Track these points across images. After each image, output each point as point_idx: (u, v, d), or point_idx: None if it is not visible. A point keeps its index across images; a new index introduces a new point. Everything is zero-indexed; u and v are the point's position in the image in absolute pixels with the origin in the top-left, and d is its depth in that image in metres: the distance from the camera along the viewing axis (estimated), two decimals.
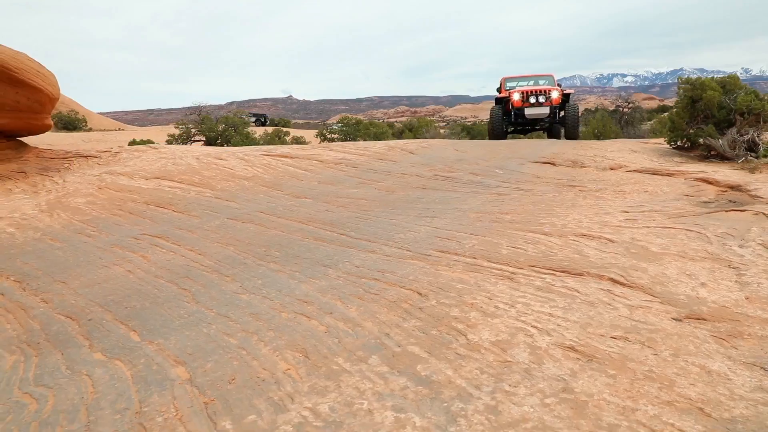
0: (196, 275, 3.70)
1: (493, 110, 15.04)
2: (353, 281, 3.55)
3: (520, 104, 14.21)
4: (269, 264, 3.90)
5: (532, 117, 14.38)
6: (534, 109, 14.24)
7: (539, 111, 14.25)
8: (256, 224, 4.78)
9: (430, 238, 4.39)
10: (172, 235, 4.49)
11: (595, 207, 5.67)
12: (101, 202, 5.39)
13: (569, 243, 4.21)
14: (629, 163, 9.25)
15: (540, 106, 14.20)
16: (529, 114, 14.25)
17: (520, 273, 3.60)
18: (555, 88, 14.55)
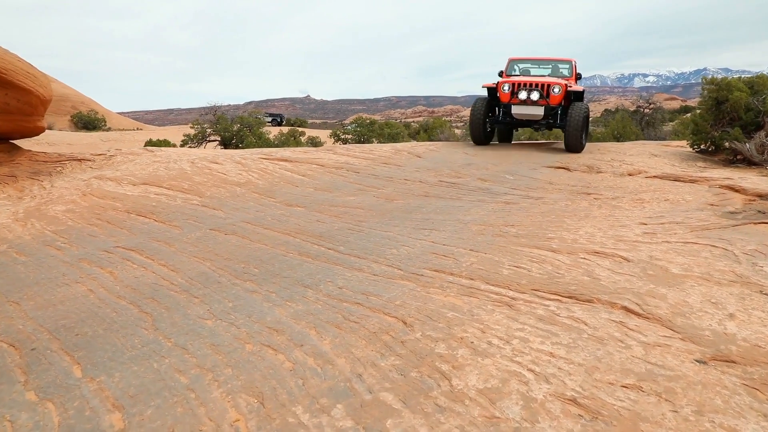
0: (162, 295, 3.36)
1: (475, 104, 11.18)
2: (333, 306, 3.18)
3: (507, 99, 10.56)
4: (245, 283, 3.55)
5: (521, 117, 10.72)
6: (523, 107, 10.46)
7: (530, 111, 10.43)
8: (239, 236, 4.43)
9: (425, 254, 4.00)
10: (147, 248, 4.16)
11: (611, 218, 5.23)
12: (80, 210, 5.08)
13: (579, 262, 3.79)
14: (649, 168, 8.76)
15: (533, 104, 10.42)
16: (516, 113, 10.54)
17: (521, 298, 3.19)
18: (558, 82, 10.44)
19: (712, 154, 11.10)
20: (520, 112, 10.47)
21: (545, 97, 10.33)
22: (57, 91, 49.57)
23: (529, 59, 12.36)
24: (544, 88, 10.37)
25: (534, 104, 10.33)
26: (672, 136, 27.59)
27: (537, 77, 10.91)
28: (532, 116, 10.50)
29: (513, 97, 10.40)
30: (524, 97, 10.30)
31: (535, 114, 10.41)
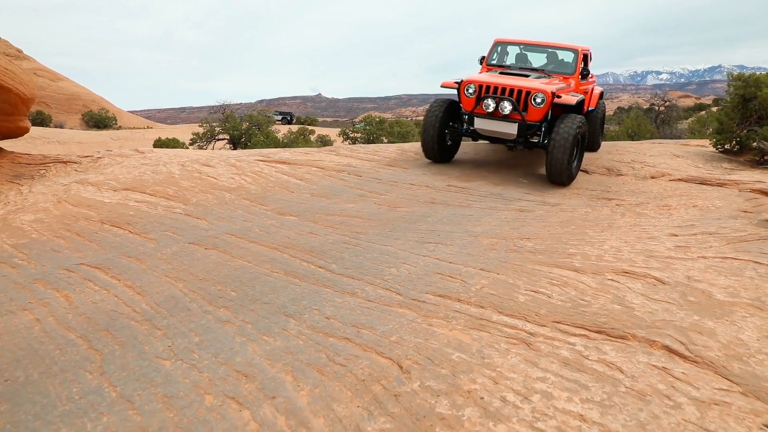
0: (119, 327, 2.88)
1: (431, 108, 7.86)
2: (317, 342, 2.68)
3: (471, 108, 7.24)
4: (218, 310, 3.06)
5: (488, 134, 7.42)
6: (490, 122, 7.18)
7: (499, 127, 7.16)
8: (220, 251, 3.95)
9: (428, 274, 3.49)
10: (115, 265, 3.68)
11: (637, 228, 4.69)
12: (50, 220, 4.62)
13: (606, 285, 3.26)
14: (672, 170, 8.18)
15: (503, 120, 7.08)
16: (480, 128, 7.28)
17: (540, 334, 2.67)
18: (541, 89, 6.95)
19: (736, 155, 10.47)
20: (486, 128, 7.17)
21: (520, 110, 6.91)
22: (68, 89, 49.62)
23: (520, 42, 8.96)
24: (521, 97, 6.93)
25: (505, 120, 7.01)
26: (688, 134, 26.89)
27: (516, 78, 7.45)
28: (502, 134, 7.20)
29: (478, 106, 7.11)
30: (492, 108, 6.98)
31: (506, 132, 7.08)
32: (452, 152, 8.32)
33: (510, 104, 6.95)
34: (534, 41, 8.97)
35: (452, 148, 8.28)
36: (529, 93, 6.96)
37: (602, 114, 10.15)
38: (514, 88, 6.98)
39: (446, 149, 8.02)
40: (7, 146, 7.94)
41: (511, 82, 7.12)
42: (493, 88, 7.07)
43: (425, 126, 7.70)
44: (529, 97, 6.95)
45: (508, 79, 7.27)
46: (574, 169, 7.07)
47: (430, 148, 7.74)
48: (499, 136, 7.35)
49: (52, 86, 48.25)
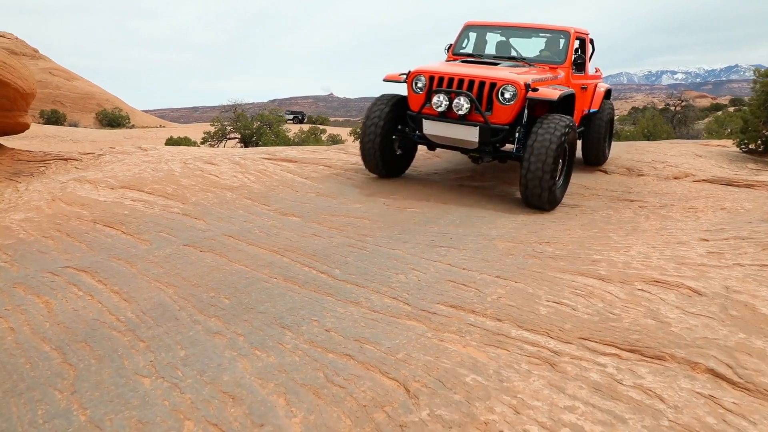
0: (99, 338, 2.62)
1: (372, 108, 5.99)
2: (315, 358, 2.40)
3: (418, 107, 5.58)
4: (209, 320, 2.79)
5: (442, 142, 5.66)
6: (441, 125, 5.46)
7: (453, 133, 5.42)
8: (216, 254, 3.68)
9: (439, 282, 3.20)
10: (103, 268, 3.43)
11: (663, 232, 4.37)
12: (40, 219, 4.39)
13: (637, 296, 2.95)
14: (696, 170, 7.82)
15: (459, 123, 5.36)
16: (430, 134, 5.57)
17: (566, 352, 2.37)
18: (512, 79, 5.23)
19: (761, 155, 10.08)
20: (437, 133, 5.45)
21: (481, 109, 5.19)
22: (82, 89, 49.89)
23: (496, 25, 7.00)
24: (483, 91, 5.20)
25: (462, 121, 5.27)
26: (706, 134, 26.36)
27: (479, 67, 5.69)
28: (458, 142, 5.45)
29: (427, 104, 5.44)
30: (444, 107, 5.26)
31: (463, 139, 5.34)
32: (403, 164, 6.32)
33: (467, 101, 5.13)
34: (513, 23, 6.95)
35: (403, 160, 6.28)
36: (494, 85, 5.11)
37: (609, 118, 7.76)
38: (474, 79, 5.18)
39: (394, 160, 6.07)
40: (18, 143, 7.75)
41: (472, 71, 5.32)
42: (447, 79, 5.27)
43: (364, 130, 5.79)
44: (494, 91, 5.13)
45: (469, 69, 5.48)
46: (558, 189, 5.24)
47: (371, 158, 5.85)
48: (455, 144, 5.49)
49: (67, 85, 48.51)
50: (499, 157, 5.54)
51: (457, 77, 5.30)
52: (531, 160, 4.90)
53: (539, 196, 4.99)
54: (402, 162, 6.32)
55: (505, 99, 5.15)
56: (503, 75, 5.28)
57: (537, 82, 5.34)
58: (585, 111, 7.31)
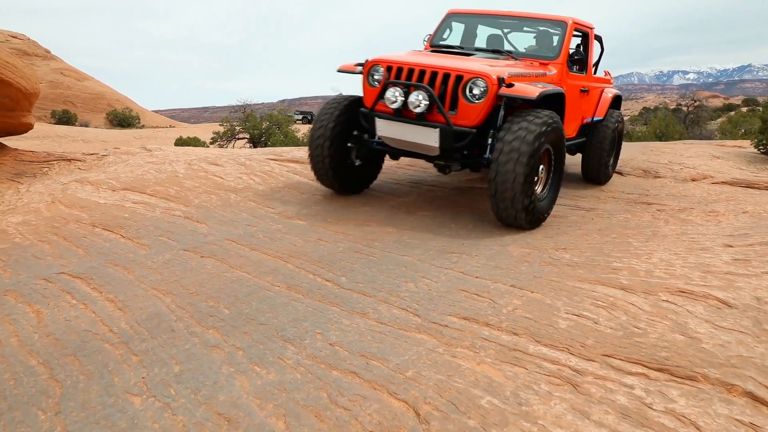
0: (90, 351, 2.47)
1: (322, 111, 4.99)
2: (318, 376, 2.23)
3: (371, 103, 4.64)
4: (207, 332, 2.63)
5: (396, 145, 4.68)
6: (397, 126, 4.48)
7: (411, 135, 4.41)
8: (217, 260, 3.53)
9: (451, 291, 3.03)
10: (99, 275, 3.29)
11: (685, 238, 4.17)
12: (38, 222, 4.25)
13: (662, 308, 2.76)
14: (714, 172, 7.60)
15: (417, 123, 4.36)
16: (385, 135, 4.59)
17: (589, 371, 2.19)
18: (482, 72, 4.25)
19: None
20: (392, 135, 4.53)
21: (443, 108, 4.25)
22: (93, 89, 50.16)
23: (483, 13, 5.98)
24: (447, 85, 4.31)
25: (420, 121, 4.35)
26: (719, 134, 26.00)
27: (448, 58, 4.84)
28: (416, 147, 4.49)
29: (380, 100, 4.51)
30: (398, 103, 4.37)
31: (422, 143, 4.39)
32: (365, 177, 5.30)
33: (426, 96, 4.19)
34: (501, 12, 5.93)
35: (365, 172, 5.24)
36: (460, 78, 4.21)
37: (616, 128, 6.51)
38: (437, 70, 4.27)
39: (351, 173, 5.04)
40: (28, 144, 7.66)
41: (437, 62, 4.44)
42: (407, 70, 4.36)
43: (311, 136, 4.83)
44: (460, 85, 4.21)
45: (435, 59, 4.60)
46: (542, 203, 4.35)
47: (320, 169, 4.86)
48: (413, 149, 4.51)
49: (78, 86, 48.72)
50: (471, 166, 4.60)
51: (418, 68, 4.35)
52: (499, 170, 3.97)
53: (513, 216, 4.12)
54: (363, 174, 5.25)
55: (473, 95, 4.22)
56: (472, 67, 4.33)
57: (515, 77, 4.35)
58: (586, 119, 6.22)
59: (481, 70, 4.24)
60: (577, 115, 5.84)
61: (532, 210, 4.16)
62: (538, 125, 4.06)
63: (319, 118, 4.88)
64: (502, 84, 4.15)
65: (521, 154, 3.93)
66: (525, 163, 3.93)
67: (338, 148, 4.82)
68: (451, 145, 4.26)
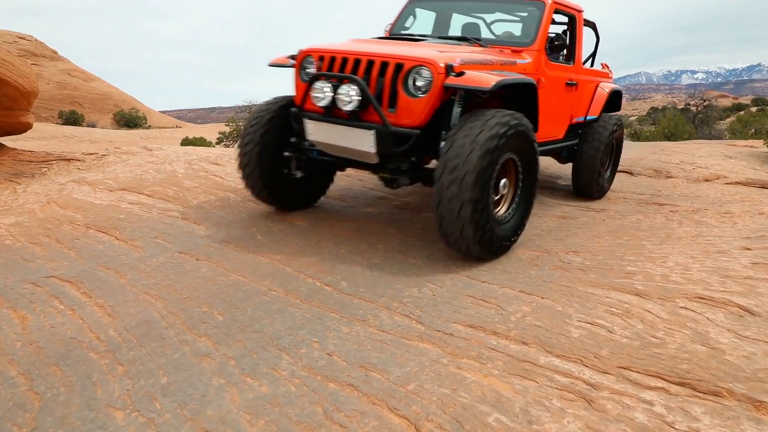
0: (74, 360, 2.34)
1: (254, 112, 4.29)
2: (314, 389, 2.09)
3: (300, 100, 3.88)
4: (199, 340, 2.49)
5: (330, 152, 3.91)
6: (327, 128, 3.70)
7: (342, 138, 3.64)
8: (213, 262, 3.39)
9: (457, 297, 2.88)
10: (89, 279, 3.16)
11: (700, 240, 4.01)
12: (31, 223, 4.14)
13: (681, 315, 2.61)
14: (727, 172, 7.41)
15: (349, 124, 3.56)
16: (315, 138, 3.81)
17: (604, 385, 2.04)
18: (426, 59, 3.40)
19: None
20: (323, 140, 3.81)
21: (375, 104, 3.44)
22: (100, 89, 50.35)
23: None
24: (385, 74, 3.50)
25: (354, 121, 3.57)
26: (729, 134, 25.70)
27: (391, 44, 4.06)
28: (350, 153, 3.76)
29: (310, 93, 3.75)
30: (326, 100, 3.64)
31: (354, 149, 3.64)
32: (311, 191, 4.52)
33: (357, 90, 3.45)
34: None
35: (310, 185, 4.47)
36: (400, 67, 3.43)
37: (614, 131, 5.53)
38: (374, 58, 3.52)
39: (292, 186, 4.31)
40: (35, 144, 7.57)
41: (375, 49, 3.71)
42: (341, 60, 3.63)
43: (240, 145, 4.12)
44: (399, 76, 3.43)
45: (376, 46, 3.87)
46: (502, 225, 3.52)
47: (251, 181, 4.13)
48: (348, 155, 3.79)
49: (85, 86, 48.84)
50: (422, 179, 3.75)
51: (352, 56, 3.58)
52: (441, 195, 3.15)
53: (466, 250, 3.30)
54: (309, 188, 4.48)
55: (415, 88, 3.42)
56: (416, 53, 3.51)
57: (471, 65, 3.53)
58: (576, 118, 5.31)
59: (426, 56, 3.44)
60: (562, 113, 5.04)
61: (489, 239, 3.30)
62: (492, 128, 3.19)
63: (248, 124, 4.14)
64: (450, 72, 3.34)
65: (468, 172, 3.07)
66: (473, 184, 3.07)
67: (272, 158, 4.08)
68: (391, 150, 3.47)
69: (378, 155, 3.54)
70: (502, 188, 3.54)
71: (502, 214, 3.59)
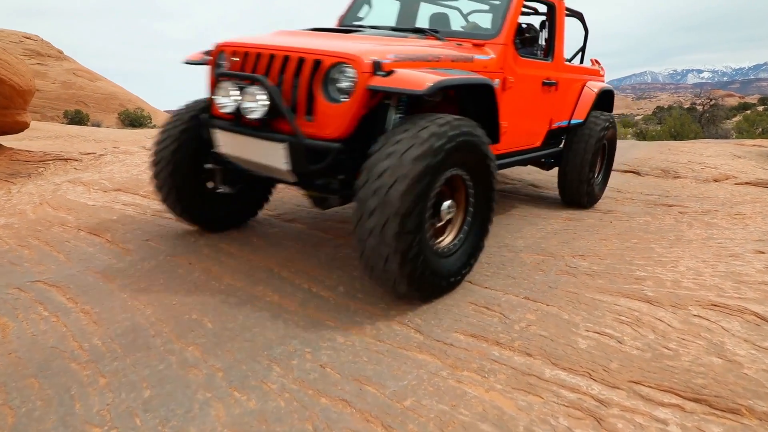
0: (54, 372, 2.22)
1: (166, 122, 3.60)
2: (305, 404, 1.96)
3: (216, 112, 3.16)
4: (187, 349, 2.37)
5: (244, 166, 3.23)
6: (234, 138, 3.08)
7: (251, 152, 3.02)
8: (207, 266, 3.27)
9: (458, 304, 2.75)
10: (77, 283, 3.04)
11: (711, 243, 3.87)
12: (21, 225, 4.03)
13: (694, 324, 2.47)
14: (736, 172, 7.25)
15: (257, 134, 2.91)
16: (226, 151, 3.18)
17: (614, 402, 1.91)
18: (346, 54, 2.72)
19: None
20: (233, 152, 3.17)
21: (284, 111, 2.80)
22: (106, 89, 50.40)
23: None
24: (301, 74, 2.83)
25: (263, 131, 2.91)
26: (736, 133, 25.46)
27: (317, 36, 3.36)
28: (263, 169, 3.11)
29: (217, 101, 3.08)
30: (230, 106, 2.99)
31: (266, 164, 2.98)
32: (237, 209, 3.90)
33: (264, 94, 2.83)
34: None
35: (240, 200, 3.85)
36: (318, 65, 2.78)
37: (604, 135, 4.90)
38: (290, 53, 2.88)
39: (217, 204, 3.72)
40: (41, 144, 7.49)
41: (294, 42, 3.07)
42: (254, 56, 3.03)
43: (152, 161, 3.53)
44: (316, 75, 2.80)
45: (297, 38, 3.24)
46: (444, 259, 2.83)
47: (165, 196, 3.58)
48: (262, 172, 3.18)
49: (91, 86, 48.90)
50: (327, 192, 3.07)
51: (266, 51, 2.96)
52: (361, 227, 2.51)
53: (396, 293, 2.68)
54: (239, 204, 3.88)
55: (336, 90, 2.77)
56: (338, 47, 2.84)
57: (405, 62, 2.85)
58: (556, 122, 4.68)
59: (348, 50, 2.75)
60: (538, 117, 4.39)
61: (421, 276, 2.60)
62: (423, 143, 2.50)
63: (158, 139, 3.53)
64: (378, 71, 2.67)
65: (390, 201, 2.39)
66: (401, 216, 2.39)
67: (190, 175, 3.50)
68: (306, 168, 2.81)
69: (293, 173, 2.86)
70: (446, 211, 2.83)
71: (446, 244, 2.90)
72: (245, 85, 2.90)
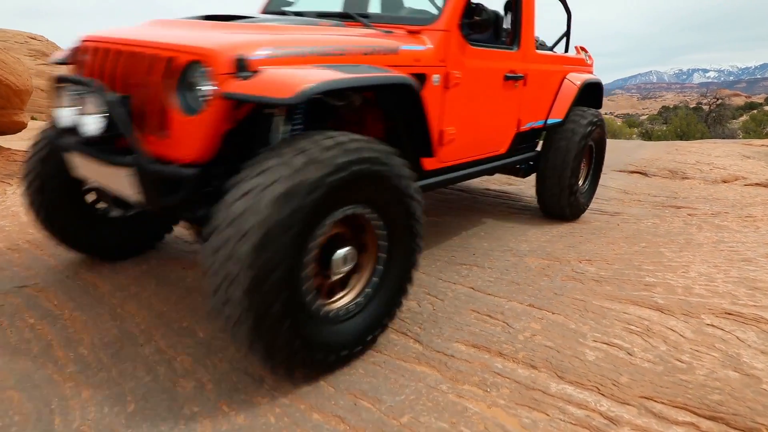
0: (35, 384, 2.12)
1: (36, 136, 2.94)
2: (296, 419, 1.86)
3: None
4: (176, 359, 2.27)
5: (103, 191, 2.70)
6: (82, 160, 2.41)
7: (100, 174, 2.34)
8: (201, 270, 3.16)
9: (459, 311, 2.64)
10: (66, 289, 2.95)
11: (723, 246, 3.74)
12: (12, 227, 3.93)
13: (708, 335, 2.35)
14: (746, 173, 7.11)
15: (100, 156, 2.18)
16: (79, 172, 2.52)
17: (624, 420, 1.79)
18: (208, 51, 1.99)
19: None
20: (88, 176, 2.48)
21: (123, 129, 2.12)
22: None
23: None
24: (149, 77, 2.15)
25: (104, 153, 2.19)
26: (743, 133, 25.26)
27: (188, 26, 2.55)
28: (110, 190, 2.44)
29: None
30: (67, 120, 2.28)
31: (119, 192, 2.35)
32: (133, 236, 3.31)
33: (99, 104, 2.15)
34: None
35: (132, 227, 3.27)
36: (170, 63, 2.09)
37: (589, 135, 4.25)
38: (142, 50, 2.21)
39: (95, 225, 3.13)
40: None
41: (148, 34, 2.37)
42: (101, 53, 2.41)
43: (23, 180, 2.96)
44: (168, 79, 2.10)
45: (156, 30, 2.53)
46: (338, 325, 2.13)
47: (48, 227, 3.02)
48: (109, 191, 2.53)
49: None
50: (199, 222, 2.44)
51: (114, 47, 2.35)
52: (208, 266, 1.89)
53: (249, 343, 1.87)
54: (132, 230, 3.28)
55: (190, 97, 2.09)
56: (195, 40, 2.16)
57: (287, 58, 2.16)
58: (527, 123, 3.94)
59: (205, 45, 2.07)
60: (499, 118, 3.62)
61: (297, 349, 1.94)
62: (295, 175, 1.81)
63: (28, 155, 2.94)
64: (242, 69, 1.99)
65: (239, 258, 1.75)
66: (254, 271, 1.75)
67: (63, 188, 2.91)
68: (157, 202, 2.18)
69: (146, 201, 2.20)
70: (340, 261, 2.11)
71: (344, 303, 2.20)
72: (84, 92, 2.22)
